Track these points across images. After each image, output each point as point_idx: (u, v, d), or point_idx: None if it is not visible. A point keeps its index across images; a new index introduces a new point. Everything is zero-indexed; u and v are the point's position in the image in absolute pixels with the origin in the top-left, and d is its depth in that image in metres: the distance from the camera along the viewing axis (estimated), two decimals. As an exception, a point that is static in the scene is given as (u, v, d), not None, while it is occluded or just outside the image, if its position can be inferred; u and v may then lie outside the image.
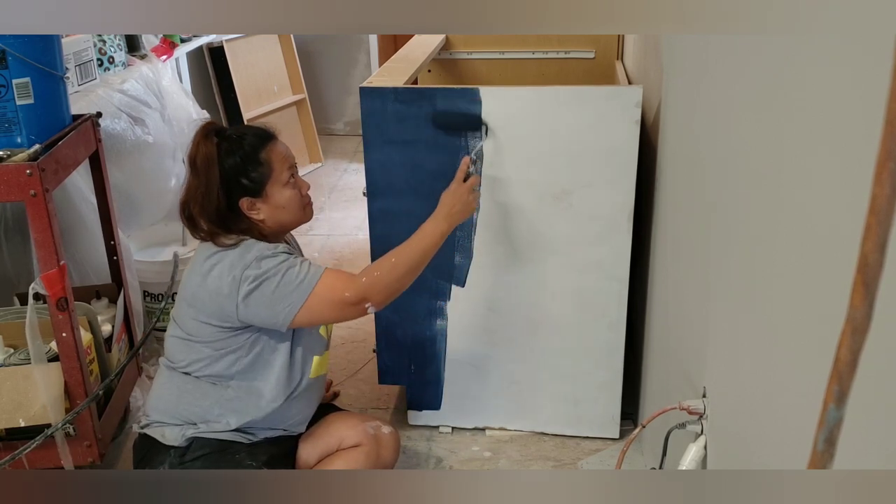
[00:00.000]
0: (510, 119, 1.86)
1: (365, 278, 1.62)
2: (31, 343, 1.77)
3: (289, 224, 1.70)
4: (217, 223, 1.60)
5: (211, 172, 1.58)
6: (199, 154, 1.59)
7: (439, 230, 1.69)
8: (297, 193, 1.66)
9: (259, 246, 1.60)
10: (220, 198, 1.58)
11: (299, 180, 1.69)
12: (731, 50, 1.24)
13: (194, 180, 1.60)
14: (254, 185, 1.60)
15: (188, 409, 1.66)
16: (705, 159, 1.42)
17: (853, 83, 0.77)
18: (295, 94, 4.67)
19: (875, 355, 0.50)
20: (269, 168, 1.61)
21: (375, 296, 1.63)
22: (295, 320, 1.59)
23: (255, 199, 1.61)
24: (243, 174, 1.59)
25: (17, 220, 2.28)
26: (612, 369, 2.06)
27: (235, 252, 1.59)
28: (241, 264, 1.57)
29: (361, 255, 3.38)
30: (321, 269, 1.61)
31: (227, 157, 1.59)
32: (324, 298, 1.58)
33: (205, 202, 1.58)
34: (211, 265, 1.59)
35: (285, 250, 1.62)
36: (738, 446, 1.23)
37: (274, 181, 1.62)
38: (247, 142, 1.61)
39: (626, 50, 2.80)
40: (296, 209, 1.67)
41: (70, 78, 2.40)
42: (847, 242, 0.72)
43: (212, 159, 1.58)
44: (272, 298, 1.57)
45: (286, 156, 1.66)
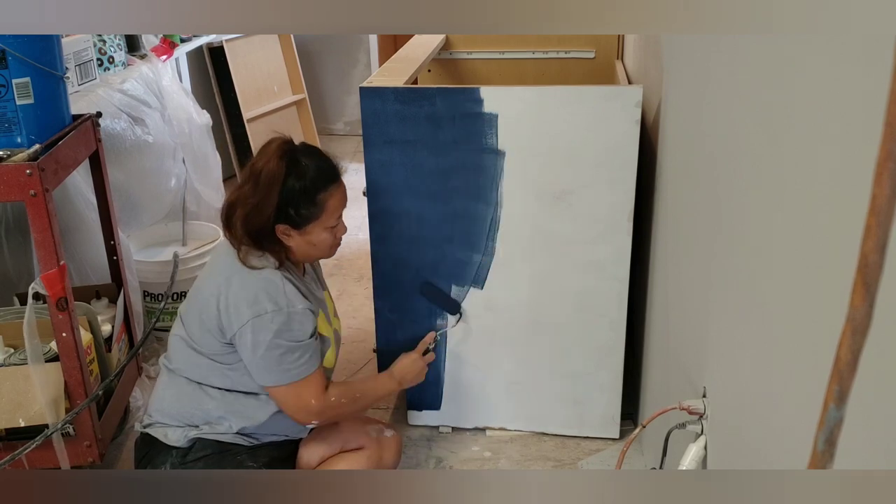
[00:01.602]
0: (510, 119, 1.86)
1: (333, 398, 1.66)
2: (29, 343, 1.77)
3: (311, 258, 1.73)
4: (253, 236, 1.60)
5: (271, 192, 1.57)
6: (267, 169, 1.58)
7: (389, 388, 1.85)
8: (332, 237, 1.68)
9: (280, 301, 1.58)
10: (268, 219, 1.59)
11: (341, 225, 1.71)
12: (731, 50, 1.24)
13: (251, 191, 1.59)
14: (299, 219, 1.61)
15: (190, 411, 1.66)
16: (705, 159, 1.42)
17: (853, 83, 0.77)
18: (295, 94, 4.67)
19: (875, 355, 0.50)
20: (321, 211, 1.62)
21: (326, 417, 1.68)
22: (266, 387, 1.63)
23: (294, 229, 1.62)
24: (294, 206, 1.60)
25: (17, 220, 2.28)
26: (612, 369, 2.06)
27: (259, 288, 1.58)
28: (255, 311, 1.57)
29: (362, 255, 3.38)
30: (314, 367, 1.63)
31: (289, 183, 1.59)
32: (296, 393, 1.63)
33: (253, 215, 1.58)
34: (231, 286, 1.60)
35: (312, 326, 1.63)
36: (738, 446, 1.23)
37: (319, 224, 1.63)
38: (311, 176, 1.61)
39: (626, 50, 2.81)
40: (324, 249, 1.69)
41: (70, 78, 2.40)
42: (847, 242, 0.72)
43: (277, 180, 1.57)
44: (259, 362, 1.59)
45: (341, 202, 1.68)
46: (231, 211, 1.62)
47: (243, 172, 1.64)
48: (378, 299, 2.10)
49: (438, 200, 1.96)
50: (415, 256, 2.02)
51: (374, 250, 2.05)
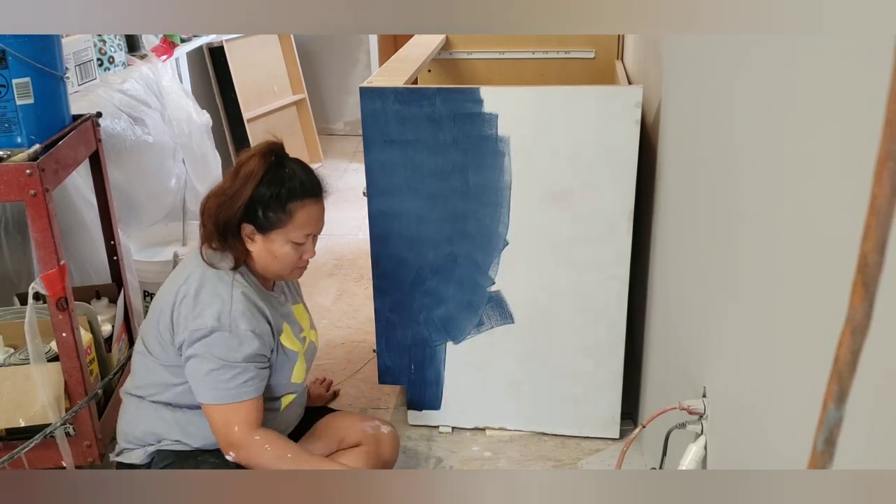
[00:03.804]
0: (510, 119, 1.86)
1: (258, 438, 1.56)
2: (31, 343, 1.77)
3: (271, 273, 1.66)
4: (219, 230, 1.58)
5: (246, 187, 1.56)
6: (248, 165, 1.58)
7: (325, 467, 1.65)
8: (295, 255, 1.62)
9: (223, 318, 1.54)
10: (237, 212, 1.56)
11: (309, 247, 1.65)
12: (731, 50, 1.24)
13: (229, 183, 1.58)
14: (265, 222, 1.58)
15: (147, 431, 1.65)
16: (705, 159, 1.42)
17: (853, 83, 0.77)
18: (295, 94, 4.67)
19: (875, 355, 0.50)
20: (288, 221, 1.58)
21: (243, 456, 1.57)
22: (200, 402, 1.58)
23: (258, 233, 1.59)
24: (264, 207, 1.57)
25: (17, 220, 2.28)
26: (612, 369, 2.06)
27: (206, 302, 1.55)
28: (197, 325, 1.53)
29: (362, 255, 3.38)
30: (249, 394, 1.56)
31: (266, 184, 1.57)
32: (222, 415, 1.56)
33: (224, 206, 1.57)
34: (186, 296, 1.56)
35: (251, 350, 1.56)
36: (738, 446, 1.23)
37: (283, 233, 1.59)
38: (289, 185, 1.58)
39: (626, 50, 2.80)
40: (285, 266, 1.63)
41: (70, 78, 2.40)
42: (847, 242, 0.72)
43: (254, 177, 1.56)
44: (193, 375, 1.56)
45: (312, 222, 1.62)
46: (207, 200, 1.61)
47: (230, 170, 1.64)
48: (378, 299, 2.10)
49: (438, 200, 1.96)
50: (415, 256, 2.02)
51: (374, 250, 2.05)
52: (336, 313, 2.94)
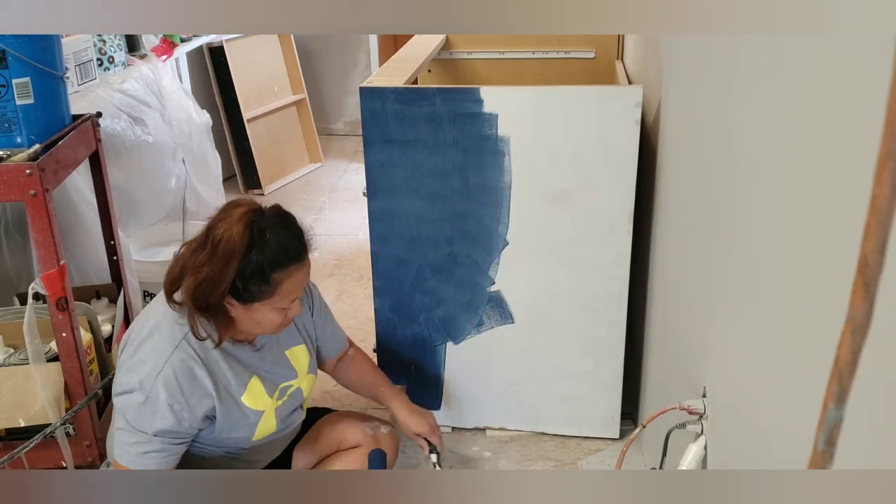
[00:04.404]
0: (510, 119, 1.86)
1: None
2: (30, 343, 1.77)
3: (252, 335, 1.56)
4: (199, 308, 1.44)
5: (229, 267, 1.40)
6: (227, 241, 1.40)
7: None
8: (279, 318, 1.50)
9: (147, 383, 1.43)
10: (220, 295, 1.42)
11: (294, 307, 1.53)
12: (731, 50, 1.24)
13: (206, 259, 1.41)
14: (246, 294, 1.43)
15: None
16: (705, 159, 1.42)
17: (853, 83, 0.77)
18: (295, 94, 4.67)
19: (875, 355, 0.50)
20: (273, 292, 1.44)
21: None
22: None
23: (238, 301, 1.45)
24: (244, 280, 1.42)
25: (17, 220, 2.28)
26: (612, 369, 2.06)
27: (141, 359, 1.46)
28: (124, 381, 1.45)
29: (362, 255, 3.38)
30: (152, 468, 1.45)
31: (250, 258, 1.41)
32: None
33: (204, 287, 1.41)
34: (131, 345, 1.49)
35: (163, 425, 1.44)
36: (738, 446, 1.23)
37: (268, 304, 1.46)
38: (272, 253, 1.42)
39: (626, 50, 2.80)
40: (268, 329, 1.52)
41: (70, 78, 2.40)
42: (847, 242, 0.72)
43: (236, 256, 1.40)
44: (113, 430, 1.50)
45: (299, 284, 1.49)
46: (178, 275, 1.45)
47: (200, 233, 1.46)
48: (378, 299, 2.10)
49: (438, 200, 1.96)
50: (415, 256, 2.02)
51: (374, 250, 2.05)
52: (336, 313, 2.91)
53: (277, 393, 1.62)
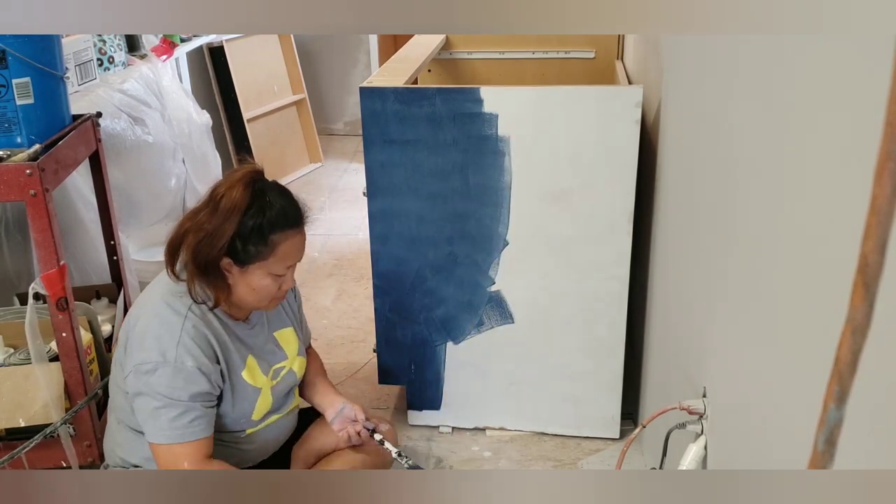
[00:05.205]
0: (510, 119, 1.86)
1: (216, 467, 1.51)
2: (32, 343, 1.77)
3: (246, 305, 1.58)
4: (199, 267, 1.48)
5: (228, 223, 1.45)
6: (228, 198, 1.46)
7: None
8: (273, 286, 1.54)
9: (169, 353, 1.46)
10: (220, 250, 1.46)
11: (288, 277, 1.57)
12: (731, 50, 1.24)
13: (207, 217, 1.47)
14: (245, 255, 1.48)
15: (126, 457, 1.61)
16: (705, 159, 1.42)
17: (853, 83, 0.77)
18: (295, 94, 4.67)
19: (875, 355, 0.50)
20: (270, 252, 1.49)
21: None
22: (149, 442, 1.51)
23: (236, 265, 1.49)
24: (244, 240, 1.47)
25: (17, 220, 2.28)
26: (612, 369, 2.06)
27: (153, 334, 1.47)
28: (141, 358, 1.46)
29: (361, 255, 3.38)
30: (197, 434, 1.48)
31: (250, 216, 1.46)
32: (169, 454, 1.48)
33: (204, 244, 1.46)
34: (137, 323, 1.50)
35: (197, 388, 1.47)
36: (738, 446, 1.23)
37: (263, 266, 1.50)
38: (272, 213, 1.48)
39: (626, 50, 2.81)
40: (263, 297, 1.55)
41: (70, 78, 2.40)
42: (847, 242, 0.72)
43: (236, 212, 1.45)
44: (139, 411, 1.49)
45: (294, 253, 1.54)
46: (183, 234, 1.49)
47: (203, 198, 1.51)
48: (378, 299, 2.10)
49: (438, 200, 1.96)
50: (415, 256, 2.02)
51: (374, 250, 2.05)
52: (336, 313, 2.94)
53: (271, 373, 1.66)
